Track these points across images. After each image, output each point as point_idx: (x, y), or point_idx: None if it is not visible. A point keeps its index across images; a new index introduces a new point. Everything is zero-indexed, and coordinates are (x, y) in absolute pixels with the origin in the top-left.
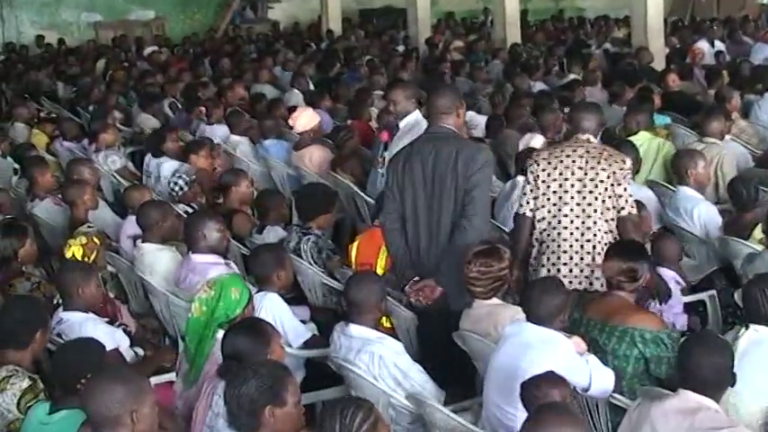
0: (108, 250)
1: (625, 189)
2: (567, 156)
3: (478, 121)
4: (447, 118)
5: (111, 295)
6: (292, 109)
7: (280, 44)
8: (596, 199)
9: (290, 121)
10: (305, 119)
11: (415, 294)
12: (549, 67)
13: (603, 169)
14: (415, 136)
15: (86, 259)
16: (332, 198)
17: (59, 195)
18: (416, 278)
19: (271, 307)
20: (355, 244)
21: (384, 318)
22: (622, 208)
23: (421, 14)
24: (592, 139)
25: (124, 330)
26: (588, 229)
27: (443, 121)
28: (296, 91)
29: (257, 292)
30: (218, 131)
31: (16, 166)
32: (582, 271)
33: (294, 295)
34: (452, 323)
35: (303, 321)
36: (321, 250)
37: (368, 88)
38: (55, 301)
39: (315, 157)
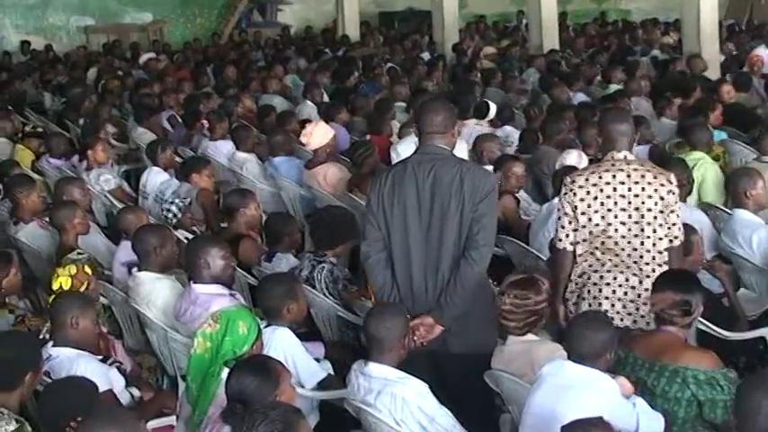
0: (100, 280)
1: (678, 216)
2: (607, 183)
3: (516, 137)
4: (441, 138)
5: (104, 330)
6: (305, 123)
7: (291, 50)
8: (643, 230)
9: (303, 137)
10: (319, 134)
11: (408, 333)
12: (590, 76)
13: (650, 196)
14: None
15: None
16: (352, 224)
17: (46, 218)
18: (408, 316)
19: (281, 343)
20: None
21: None
22: (675, 237)
23: (448, 17)
24: (629, 156)
25: (118, 369)
26: (635, 262)
27: (438, 141)
28: (309, 103)
29: (266, 326)
30: (223, 148)
31: None
32: (625, 307)
33: (307, 330)
34: (474, 364)
35: (317, 359)
36: (337, 280)
37: (389, 99)
38: (41, 336)
39: (330, 177)
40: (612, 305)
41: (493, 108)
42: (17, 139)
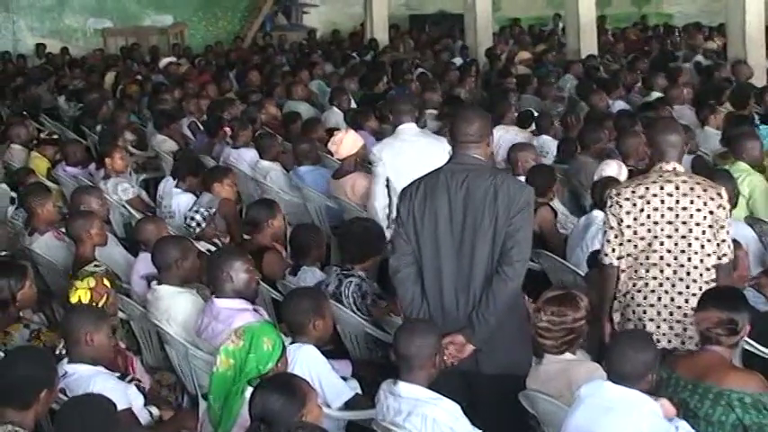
0: (118, 293)
1: (728, 232)
2: (654, 195)
3: (551, 147)
4: (476, 148)
5: (122, 345)
6: (331, 131)
7: (317, 55)
8: (690, 245)
9: (332, 145)
10: (349, 142)
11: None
12: (630, 82)
13: (699, 209)
14: None
15: (94, 305)
16: (382, 237)
17: (62, 229)
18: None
19: (307, 361)
20: None
21: None
22: (724, 254)
23: (481, 21)
24: (679, 168)
25: (137, 386)
26: (681, 280)
27: (472, 151)
28: (335, 110)
29: (291, 343)
30: (246, 156)
31: (13, 194)
32: (672, 328)
33: (333, 347)
34: (507, 384)
35: (344, 378)
36: (365, 295)
37: (419, 106)
38: (57, 352)
39: (358, 187)
40: (658, 326)
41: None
42: (32, 146)
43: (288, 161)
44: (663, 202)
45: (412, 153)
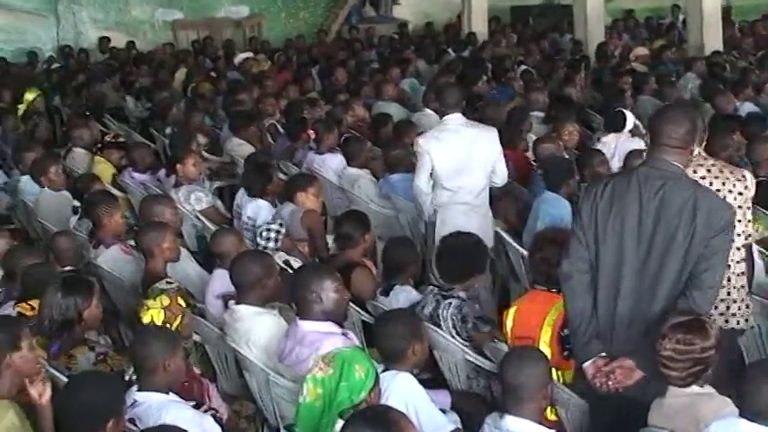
0: (192, 313)
1: (751, 214)
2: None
3: None
4: (677, 154)
5: (197, 371)
6: None
7: (409, 50)
8: None
9: None
10: None
11: (603, 376)
12: (760, 82)
13: (730, 191)
14: None
15: (168, 326)
16: (484, 254)
17: (131, 242)
18: (603, 354)
19: (402, 390)
20: (511, 311)
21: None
22: (750, 234)
23: (592, 12)
24: (703, 152)
25: (213, 417)
26: None
27: (672, 157)
28: (429, 111)
29: (383, 370)
30: (331, 162)
31: (76, 203)
32: (716, 307)
33: (431, 376)
34: (635, 416)
35: (443, 410)
36: (466, 318)
37: (524, 108)
38: (127, 377)
39: None
40: None
41: (630, 119)
42: (96, 149)
43: (377, 168)
44: None
45: (459, 143)
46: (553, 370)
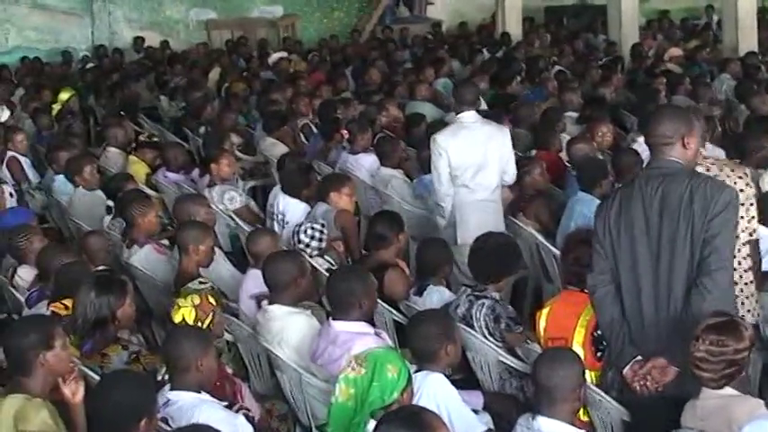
0: (225, 312)
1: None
2: None
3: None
4: (670, 149)
5: (229, 370)
6: None
7: (442, 50)
8: None
9: None
10: None
11: (641, 379)
12: None
13: None
14: None
15: (199, 325)
16: (517, 254)
17: (164, 241)
18: (638, 357)
19: (435, 391)
20: (545, 311)
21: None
22: (754, 230)
23: (626, 13)
24: (702, 151)
25: (246, 416)
26: None
27: (666, 154)
28: None
29: (416, 371)
30: (365, 162)
31: (109, 202)
32: None
33: (463, 376)
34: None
35: (475, 411)
36: (499, 319)
37: (557, 108)
38: (160, 377)
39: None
40: None
41: None
42: (130, 149)
43: (411, 168)
44: None
45: (475, 140)
46: (586, 371)
